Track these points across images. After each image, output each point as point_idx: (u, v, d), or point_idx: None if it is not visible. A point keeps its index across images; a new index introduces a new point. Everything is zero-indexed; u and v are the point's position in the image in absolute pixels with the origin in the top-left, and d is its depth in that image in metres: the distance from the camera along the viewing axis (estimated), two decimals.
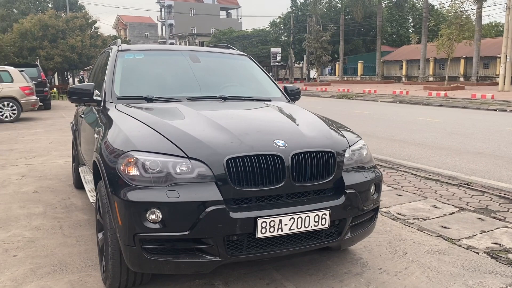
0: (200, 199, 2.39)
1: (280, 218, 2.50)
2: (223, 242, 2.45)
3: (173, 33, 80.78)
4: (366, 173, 2.97)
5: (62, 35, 29.05)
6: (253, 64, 4.41)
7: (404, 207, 4.77)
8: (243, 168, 2.49)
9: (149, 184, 2.43)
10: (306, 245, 2.69)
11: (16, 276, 3.09)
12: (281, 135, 2.74)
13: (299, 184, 2.62)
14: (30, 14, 30.61)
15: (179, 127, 2.76)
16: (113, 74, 3.69)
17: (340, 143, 2.93)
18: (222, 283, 2.99)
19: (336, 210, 2.69)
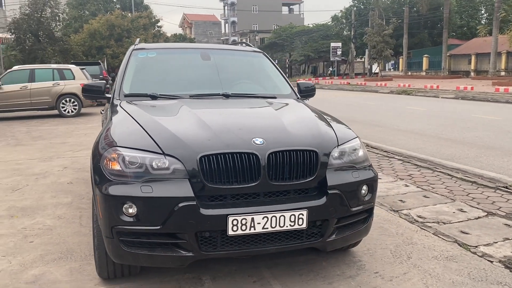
0: (171, 195, 2.45)
1: (253, 217, 2.49)
2: (196, 238, 2.49)
3: (236, 30, 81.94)
4: (356, 173, 2.86)
5: (127, 34, 30.51)
6: (267, 61, 4.39)
7: (427, 210, 4.54)
8: (217, 166, 2.50)
9: (127, 179, 2.52)
10: (285, 245, 2.66)
11: (25, 261, 3.33)
12: (262, 133, 2.72)
13: (276, 183, 2.59)
14: (99, 15, 32.41)
15: (163, 125, 2.83)
16: (123, 72, 3.85)
17: (327, 142, 2.85)
18: (210, 278, 3.03)
19: (316, 211, 2.63)
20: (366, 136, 9.70)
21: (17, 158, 7.37)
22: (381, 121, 12.26)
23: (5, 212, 4.50)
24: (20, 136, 10.11)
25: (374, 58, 42.09)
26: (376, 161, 7.01)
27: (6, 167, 6.67)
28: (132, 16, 32.66)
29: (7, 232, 3.92)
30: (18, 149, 8.36)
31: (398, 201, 4.86)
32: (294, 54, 57.95)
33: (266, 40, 62.71)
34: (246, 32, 69.70)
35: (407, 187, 5.40)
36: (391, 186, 5.46)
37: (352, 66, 51.15)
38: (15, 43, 24.26)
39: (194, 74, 4.00)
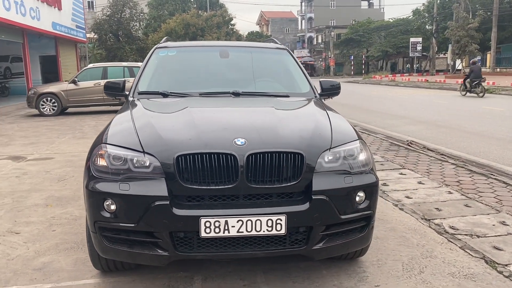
0: (145, 194, 2.45)
1: (226, 219, 2.42)
2: (171, 238, 2.47)
3: (312, 26, 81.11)
4: (349, 178, 2.66)
5: (201, 33, 31.45)
6: (290, 58, 4.25)
7: (463, 220, 4.14)
8: (193, 166, 2.46)
9: (109, 176, 2.57)
10: (265, 250, 2.55)
11: (41, 248, 3.54)
12: (247, 134, 2.63)
13: (255, 185, 2.49)
14: (176, 15, 33.76)
15: (153, 123, 2.84)
16: (142, 70, 3.95)
17: (317, 144, 2.68)
18: (202, 278, 3.00)
19: (297, 216, 2.49)
20: (426, 138, 9.14)
21: (75, 150, 7.90)
22: (447, 122, 11.44)
23: (43, 200, 4.82)
24: (87, 129, 10.82)
25: (457, 54, 39.42)
26: (426, 164, 6.55)
27: (62, 158, 7.17)
28: (206, 15, 33.62)
29: (37, 220, 4.20)
30: (81, 141, 8.94)
31: (434, 209, 4.49)
32: (371, 49, 56.15)
33: (342, 36, 61.35)
34: (322, 28, 68.70)
35: (449, 194, 4.97)
36: (432, 193, 5.05)
37: (433, 62, 48.38)
38: (98, 42, 26.03)
39: (208, 72, 3.99)
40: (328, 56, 64.40)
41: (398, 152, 7.51)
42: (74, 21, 25.29)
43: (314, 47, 73.88)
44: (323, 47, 67.20)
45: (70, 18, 24.71)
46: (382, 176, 5.80)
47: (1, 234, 3.86)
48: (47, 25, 20.77)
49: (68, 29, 24.18)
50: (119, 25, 25.84)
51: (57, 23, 22.12)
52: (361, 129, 10.44)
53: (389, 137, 9.27)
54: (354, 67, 58.19)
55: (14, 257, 3.38)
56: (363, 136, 9.16)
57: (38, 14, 19.51)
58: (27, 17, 18.24)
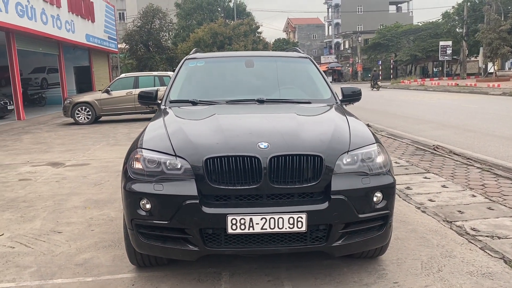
0: (177, 193, 2.69)
1: (251, 217, 2.62)
2: (200, 234, 2.69)
3: (339, 32, 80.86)
4: (367, 179, 2.83)
5: (229, 42, 31.94)
6: (312, 66, 4.44)
7: (485, 223, 4.21)
8: (220, 167, 2.68)
9: (145, 177, 2.82)
10: (287, 246, 2.74)
11: (82, 246, 3.84)
12: (270, 138, 2.83)
13: (277, 186, 2.69)
14: (204, 24, 34.44)
15: (184, 129, 3.09)
16: (173, 80, 4.22)
17: (336, 147, 2.86)
18: (229, 274, 3.21)
19: (317, 215, 2.67)
20: (454, 142, 9.12)
21: (109, 157, 8.29)
22: (476, 126, 11.33)
23: (81, 203, 5.16)
24: (120, 137, 11.27)
25: (488, 57, 38.56)
26: (451, 168, 6.58)
27: (98, 164, 7.55)
28: (233, 23, 34.15)
29: (77, 221, 4.52)
30: (114, 148, 9.36)
31: (456, 211, 4.57)
32: (400, 54, 55.48)
33: (370, 41, 60.92)
34: (349, 33, 68.41)
35: (473, 198, 5.03)
36: (456, 196, 5.12)
37: (464, 65, 47.44)
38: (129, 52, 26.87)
39: (234, 81, 4.23)
40: (355, 61, 64.05)
41: (424, 157, 7.55)
42: (106, 33, 26.22)
43: (341, 53, 73.61)
44: (350, 53, 66.86)
45: (103, 30, 25.65)
46: (406, 180, 5.90)
47: (45, 233, 4.19)
48: (81, 37, 21.65)
49: (101, 41, 25.08)
50: (149, 36, 26.65)
51: (90, 35, 23.01)
52: (387, 134, 10.48)
53: (416, 142, 9.28)
54: (382, 72, 57.64)
55: (58, 254, 3.68)
56: (389, 142, 9.23)
57: (73, 26, 20.38)
58: (63, 30, 19.10)
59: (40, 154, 8.98)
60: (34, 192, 5.76)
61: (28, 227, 4.38)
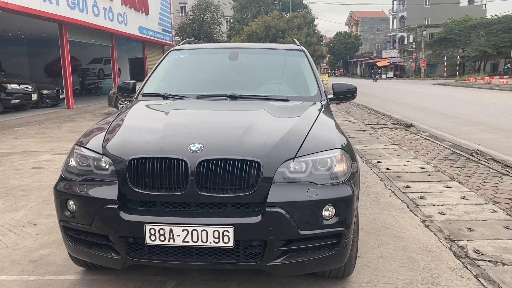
0: (97, 196, 2.46)
1: (171, 228, 2.34)
2: (122, 242, 2.45)
3: (404, 25, 77.52)
4: (314, 190, 2.44)
5: (282, 35, 31.51)
6: (304, 60, 4.04)
7: (494, 244, 3.63)
8: (143, 170, 2.42)
9: (75, 176, 2.62)
10: (217, 262, 2.42)
11: (48, 241, 3.74)
12: (206, 139, 2.53)
13: (206, 194, 2.38)
14: (258, 17, 34.23)
15: (125, 126, 2.87)
16: (152, 72, 4.01)
17: (280, 153, 2.49)
18: (175, 284, 2.95)
19: (247, 229, 2.33)
20: (499, 147, 8.24)
21: None
22: None
23: None
24: None
25: None
26: (482, 178, 5.87)
27: None
28: (288, 16, 33.62)
29: None
30: None
31: (465, 228, 4.00)
32: (467, 49, 52.10)
33: (435, 35, 57.72)
34: (413, 27, 65.28)
35: (492, 213, 4.40)
36: (472, 210, 4.51)
37: None
38: None
39: (212, 75, 3.94)
40: (419, 56, 61.08)
41: (456, 163, 6.84)
42: (161, 25, 26.76)
43: (404, 47, 70.50)
44: (414, 48, 63.84)
45: (157, 22, 26.19)
46: (423, 188, 5.32)
47: (22, 224, 4.16)
48: (134, 29, 22.21)
49: (155, 33, 25.63)
50: (200, 28, 26.90)
51: (143, 27, 23.56)
52: (427, 136, 9.72)
53: (455, 145, 8.50)
54: (447, 68, 54.49)
55: (20, 248, 3.61)
56: (425, 144, 8.52)
57: (126, 19, 20.94)
58: (115, 22, 19.66)
59: (68, 142, 9.19)
60: (38, 181, 5.82)
61: (9, 216, 4.38)
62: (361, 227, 4.02)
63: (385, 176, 5.98)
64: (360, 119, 13.14)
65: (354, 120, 12.74)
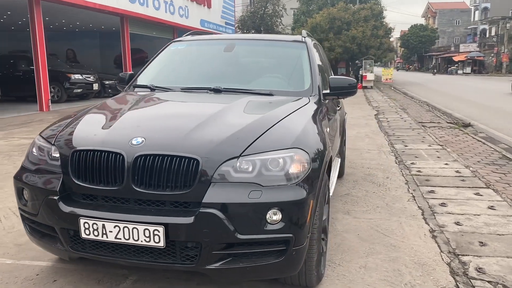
0: (42, 187, 2.46)
1: (104, 223, 2.27)
2: (65, 234, 2.43)
3: (487, 17, 72.07)
4: (257, 192, 2.25)
5: (346, 27, 30.58)
6: (304, 52, 3.78)
7: (503, 263, 3.20)
8: (84, 163, 2.38)
9: (31, 166, 2.65)
10: (154, 262, 2.32)
11: None
12: (150, 133, 2.44)
13: (142, 190, 2.28)
14: (323, 9, 33.47)
15: (87, 117, 2.85)
16: (148, 63, 3.98)
17: (224, 151, 2.32)
18: (135, 279, 2.90)
19: (179, 230, 2.21)
20: None
21: None
22: None
23: None
24: None
25: None
26: None
27: None
28: (354, 8, 32.52)
29: None
30: None
31: (477, 242, 3.57)
32: None
33: None
34: (496, 19, 60.45)
35: None
36: (496, 222, 4.03)
37: None
38: None
39: (202, 67, 3.82)
40: (500, 51, 56.55)
41: (501, 168, 6.18)
42: (223, 18, 27.07)
43: (485, 41, 65.59)
44: (495, 41, 59.20)
45: (220, 16, 26.51)
46: (448, 195, 4.86)
47: None
48: (195, 23, 22.65)
49: (217, 26, 25.98)
50: (261, 21, 26.85)
51: (205, 21, 23.96)
52: (484, 136, 8.94)
53: (510, 148, 7.73)
54: None
55: (14, 231, 3.76)
56: (476, 145, 7.82)
57: (187, 12, 21.40)
58: (176, 15, 20.16)
59: None
60: None
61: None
62: (358, 233, 3.75)
63: (412, 179, 5.54)
64: (414, 116, 12.40)
65: (407, 118, 12.04)
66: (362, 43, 30.05)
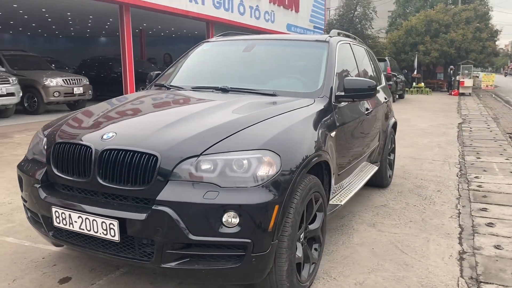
0: (30, 175, 2.64)
1: (70, 213, 2.36)
2: (47, 221, 2.57)
3: None
4: (213, 193, 2.17)
5: (445, 30, 28.61)
6: (323, 52, 3.58)
7: None
8: (61, 155, 2.50)
9: (30, 156, 2.87)
10: (116, 255, 2.35)
11: None
12: (122, 129, 2.52)
13: (105, 183, 2.33)
14: (421, 11, 31.68)
15: (83, 111, 3.02)
16: (173, 63, 4.09)
17: (184, 149, 2.28)
18: (124, 271, 2.98)
19: (132, 225, 2.22)
20: None
21: None
22: None
23: None
24: None
25: None
26: None
27: None
28: (455, 9, 30.22)
29: None
30: None
31: (511, 270, 3.10)
32: None
33: None
34: None
35: None
36: None
37: None
38: None
39: (217, 67, 3.83)
40: None
41: None
42: (312, 22, 26.89)
43: None
44: None
45: (308, 20, 26.37)
46: (502, 215, 4.30)
47: None
48: (282, 27, 22.79)
49: (304, 30, 25.88)
50: (349, 24, 26.12)
51: (292, 25, 24.01)
52: None
53: None
54: None
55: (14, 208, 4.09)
56: None
57: (273, 16, 21.63)
58: (261, 20, 20.48)
59: None
60: None
61: None
62: (373, 247, 3.47)
63: (467, 194, 4.99)
64: (505, 127, 11.18)
65: (495, 128, 10.89)
66: (461, 47, 27.85)
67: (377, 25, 32.57)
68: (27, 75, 12.12)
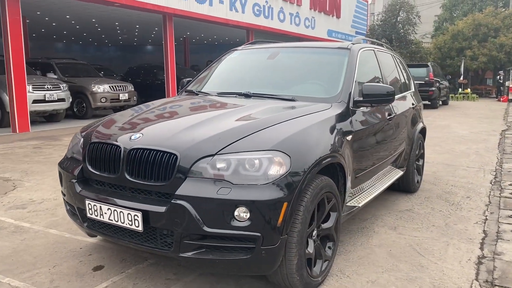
0: (68, 172, 2.95)
1: (101, 205, 2.63)
2: (82, 213, 2.86)
3: None
4: (226, 189, 2.37)
5: (494, 34, 27.62)
6: (344, 59, 3.71)
7: None
8: (94, 153, 2.79)
9: (69, 154, 3.19)
10: (141, 245, 2.59)
11: None
12: (149, 130, 2.78)
13: (132, 179, 2.58)
14: (469, 15, 30.72)
15: (120, 113, 3.33)
16: (203, 70, 4.35)
17: (201, 148, 2.50)
18: (152, 263, 3.24)
19: (155, 217, 2.45)
20: None
21: None
22: None
23: None
24: None
25: None
26: None
27: None
28: (506, 12, 29.07)
29: None
30: None
31: None
32: None
33: None
34: None
35: None
36: None
37: None
38: None
39: (243, 73, 4.04)
40: None
41: None
42: (353, 28, 26.73)
43: None
44: None
45: (350, 25, 26.25)
46: None
47: None
48: (322, 33, 22.85)
49: (345, 36, 25.77)
50: (392, 30, 25.73)
51: (333, 31, 24.00)
52: None
53: None
54: None
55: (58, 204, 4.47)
56: None
57: (313, 23, 21.73)
58: (301, 26, 20.63)
59: None
60: None
61: None
62: (391, 249, 3.55)
63: (497, 201, 4.93)
64: None
65: None
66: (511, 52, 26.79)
67: (422, 30, 31.88)
68: (77, 82, 12.90)
